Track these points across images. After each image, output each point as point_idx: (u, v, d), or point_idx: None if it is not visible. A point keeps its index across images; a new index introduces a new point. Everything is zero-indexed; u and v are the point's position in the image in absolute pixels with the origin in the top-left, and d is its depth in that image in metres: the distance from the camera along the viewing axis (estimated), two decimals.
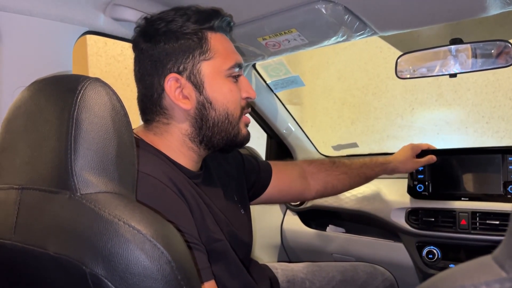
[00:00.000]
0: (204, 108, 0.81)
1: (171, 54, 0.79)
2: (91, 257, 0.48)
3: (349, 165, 1.21)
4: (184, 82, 0.79)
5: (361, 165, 1.21)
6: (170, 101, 0.80)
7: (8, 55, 0.84)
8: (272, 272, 1.14)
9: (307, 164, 1.20)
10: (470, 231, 1.20)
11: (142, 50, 0.81)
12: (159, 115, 0.82)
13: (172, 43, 0.78)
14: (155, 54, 0.79)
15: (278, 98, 1.62)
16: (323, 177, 1.18)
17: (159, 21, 0.80)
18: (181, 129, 0.81)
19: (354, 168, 1.21)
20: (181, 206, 0.72)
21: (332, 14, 0.98)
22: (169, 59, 0.79)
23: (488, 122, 2.99)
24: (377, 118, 3.41)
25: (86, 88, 0.55)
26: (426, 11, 0.96)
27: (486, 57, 1.10)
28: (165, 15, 0.80)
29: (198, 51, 0.80)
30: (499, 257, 0.29)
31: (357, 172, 1.20)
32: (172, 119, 0.81)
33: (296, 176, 1.16)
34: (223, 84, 0.82)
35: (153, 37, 0.79)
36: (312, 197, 1.21)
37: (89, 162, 0.53)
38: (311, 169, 1.18)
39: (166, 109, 0.81)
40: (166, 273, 0.48)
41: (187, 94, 0.80)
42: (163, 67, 0.79)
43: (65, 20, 0.89)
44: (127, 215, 0.50)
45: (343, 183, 1.20)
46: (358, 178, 1.21)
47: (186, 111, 0.80)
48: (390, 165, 1.23)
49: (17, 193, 0.56)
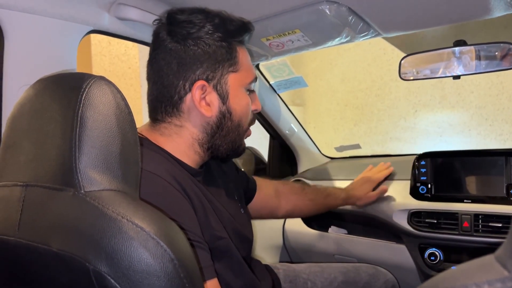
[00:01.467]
0: (224, 117, 0.83)
1: (201, 61, 0.79)
2: (94, 254, 0.48)
3: (315, 193, 1.29)
4: (209, 90, 0.80)
5: (326, 195, 1.29)
6: (190, 106, 0.80)
7: (13, 53, 0.84)
8: (274, 272, 1.14)
9: (282, 184, 1.27)
10: (472, 233, 1.19)
11: (170, 49, 0.79)
12: (173, 117, 0.81)
13: (204, 50, 0.79)
14: (184, 57, 0.79)
15: (281, 99, 1.63)
16: (294, 199, 1.25)
17: (190, 24, 0.79)
18: (193, 133, 0.82)
19: (320, 197, 1.28)
20: (185, 205, 0.72)
21: (336, 15, 0.99)
22: (199, 65, 0.79)
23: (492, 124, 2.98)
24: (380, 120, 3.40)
25: (91, 86, 0.55)
26: (430, 13, 0.96)
27: (490, 59, 1.09)
28: (195, 19, 0.79)
29: (228, 62, 0.81)
30: (501, 256, 0.29)
31: (322, 201, 1.28)
32: (186, 122, 0.81)
33: (272, 193, 1.21)
34: (243, 97, 0.85)
35: (185, 39, 0.79)
36: (282, 216, 1.28)
37: (93, 160, 0.53)
38: (284, 190, 1.25)
39: (183, 112, 0.81)
40: (169, 270, 0.49)
41: (209, 102, 0.81)
42: (192, 72, 0.79)
43: (70, 19, 0.90)
44: (131, 213, 0.50)
45: (308, 208, 1.28)
46: (321, 206, 1.30)
47: (206, 118, 0.81)
48: (349, 200, 1.33)
49: (21, 190, 0.56)
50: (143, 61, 2.53)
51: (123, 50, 2.48)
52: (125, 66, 2.49)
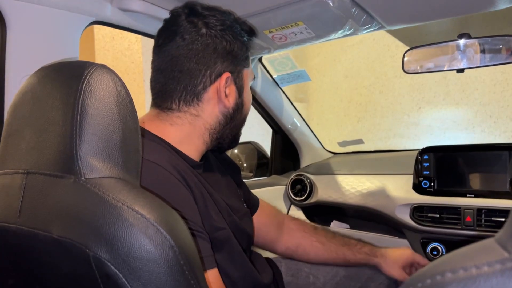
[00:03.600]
0: (238, 109, 0.87)
1: (229, 54, 0.82)
2: (94, 241, 0.49)
3: (329, 237, 1.14)
4: (230, 83, 0.84)
5: (344, 243, 1.13)
6: (212, 96, 0.82)
7: (15, 44, 0.84)
8: (276, 266, 1.14)
9: (289, 218, 1.17)
10: (475, 228, 1.19)
11: (196, 38, 0.79)
12: (191, 106, 0.81)
13: (231, 44, 0.83)
14: (214, 48, 0.80)
15: (284, 93, 1.62)
16: (299, 237, 1.13)
17: (215, 18, 0.82)
18: (206, 123, 0.83)
19: (334, 243, 1.12)
20: (185, 194, 0.72)
21: (339, 7, 0.98)
22: (226, 57, 0.82)
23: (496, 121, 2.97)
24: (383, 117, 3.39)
25: (92, 74, 0.55)
26: (434, 5, 0.95)
27: (494, 52, 1.09)
28: (218, 13, 0.83)
29: (245, 59, 0.88)
30: (501, 238, 0.29)
31: (335, 248, 1.12)
32: (203, 112, 0.82)
33: (275, 224, 1.13)
34: (249, 92, 0.92)
35: (214, 31, 0.81)
36: (280, 252, 1.15)
37: (94, 147, 0.53)
38: (290, 225, 1.15)
39: (202, 102, 0.82)
40: (169, 257, 0.49)
41: (228, 94, 0.84)
42: (219, 63, 0.81)
43: (72, 9, 0.90)
44: (131, 200, 0.50)
45: (316, 252, 1.12)
46: (335, 255, 1.12)
47: (224, 109, 0.84)
48: (375, 259, 1.12)
49: (22, 178, 0.56)
50: (146, 56, 2.53)
51: (127, 45, 2.48)
52: (128, 61, 2.49)
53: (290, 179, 1.63)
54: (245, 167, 1.78)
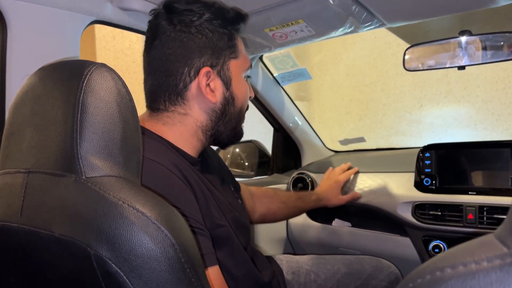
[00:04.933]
0: (228, 103, 0.85)
1: (206, 48, 0.81)
2: (95, 239, 0.49)
3: (288, 196, 1.32)
4: (213, 77, 0.82)
5: (297, 198, 1.33)
6: (195, 93, 0.81)
7: (16, 43, 0.85)
8: (277, 264, 1.14)
9: (255, 188, 1.27)
10: (477, 225, 1.19)
11: (173, 38, 0.80)
12: (177, 105, 0.82)
13: (208, 37, 0.81)
14: (189, 45, 0.80)
15: (285, 91, 1.62)
16: (267, 202, 1.25)
17: (191, 13, 0.80)
18: (197, 121, 0.83)
19: (292, 200, 1.31)
20: (186, 192, 0.73)
21: (340, 5, 0.98)
22: (204, 52, 0.80)
23: (498, 119, 2.96)
24: (385, 115, 3.39)
25: (92, 73, 0.55)
26: (434, 2, 0.95)
27: (495, 49, 1.08)
28: (194, 7, 0.80)
29: (229, 49, 0.84)
30: (501, 234, 0.29)
31: (293, 204, 1.31)
32: (190, 110, 0.82)
33: (248, 195, 1.20)
34: (243, 83, 0.88)
35: (188, 27, 0.80)
36: (255, 220, 1.26)
37: (94, 146, 0.53)
38: (258, 193, 1.25)
39: (188, 100, 0.82)
40: (170, 255, 0.49)
41: (213, 88, 0.82)
42: (197, 59, 0.80)
43: (72, 8, 0.90)
44: (132, 198, 0.50)
45: (281, 212, 1.29)
46: (293, 209, 1.33)
47: (210, 104, 0.82)
48: (320, 202, 1.36)
49: (23, 177, 0.56)
50: None
51: (128, 45, 2.49)
52: (129, 60, 2.49)
53: (291, 178, 1.63)
54: (247, 166, 1.78)
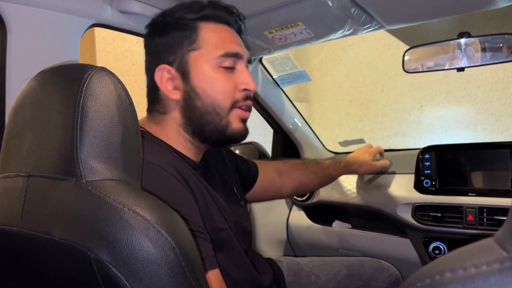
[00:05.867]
0: (190, 97, 0.81)
1: (165, 46, 0.83)
2: (96, 243, 0.49)
3: (317, 165, 1.29)
4: (174, 73, 0.82)
5: (328, 166, 1.30)
6: (161, 93, 0.84)
7: (16, 47, 0.85)
8: (278, 266, 1.14)
9: (282, 163, 1.26)
10: (477, 226, 1.19)
11: (146, 44, 0.87)
12: (157, 105, 0.85)
13: (166, 35, 0.83)
14: (152, 47, 0.85)
15: (285, 93, 1.62)
16: (297, 175, 1.25)
17: (161, 15, 0.85)
18: (175, 119, 0.84)
19: (322, 169, 1.29)
20: (186, 195, 0.73)
21: (339, 7, 0.98)
22: (163, 51, 0.83)
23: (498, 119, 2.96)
24: (385, 115, 3.39)
25: (92, 76, 0.55)
26: (433, 4, 0.95)
27: (494, 50, 1.08)
28: (170, 8, 0.85)
29: (187, 41, 0.82)
30: (500, 238, 0.29)
31: (324, 172, 1.29)
32: (166, 109, 0.84)
33: (275, 174, 1.21)
34: (210, 74, 0.81)
35: (152, 30, 0.85)
36: (288, 194, 1.28)
37: (94, 149, 0.53)
38: (286, 168, 1.24)
39: (162, 99, 0.84)
40: (170, 259, 0.49)
41: (177, 85, 0.82)
42: (158, 59, 0.83)
43: (72, 12, 0.90)
44: (132, 202, 0.50)
45: (313, 182, 1.29)
46: (325, 178, 1.31)
47: (176, 101, 0.83)
48: (351, 167, 1.34)
49: (24, 181, 0.56)
50: None
51: (127, 47, 2.49)
52: (129, 63, 2.49)
53: None
54: None
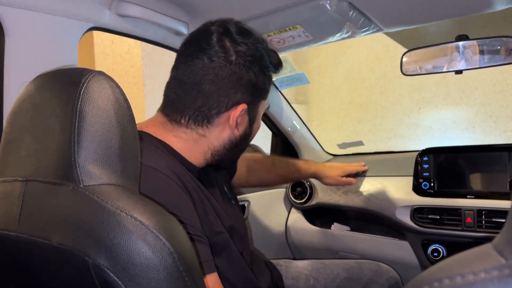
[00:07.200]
0: (245, 137, 0.87)
1: (251, 86, 0.80)
2: (93, 248, 0.49)
3: (286, 167, 1.32)
4: (243, 113, 0.82)
5: (295, 170, 1.32)
6: (224, 122, 0.80)
7: (14, 50, 0.85)
8: (276, 269, 1.14)
9: (253, 161, 1.27)
10: (476, 229, 1.19)
11: (223, 64, 0.77)
12: (199, 126, 0.80)
13: (258, 77, 0.81)
14: (242, 78, 0.78)
15: (283, 96, 1.62)
16: (263, 175, 1.29)
17: (246, 46, 0.78)
18: (211, 144, 0.82)
19: (289, 172, 1.32)
20: (185, 199, 0.73)
21: (337, 10, 0.98)
22: (248, 89, 0.80)
23: (496, 121, 2.97)
24: (384, 117, 3.40)
25: (90, 81, 0.55)
26: (431, 7, 0.95)
27: (492, 53, 1.09)
28: (250, 42, 0.78)
29: (265, 92, 0.86)
30: (498, 244, 0.29)
31: (290, 175, 1.35)
32: (210, 134, 0.81)
33: (244, 171, 1.22)
34: (260, 120, 0.90)
35: (248, 61, 0.78)
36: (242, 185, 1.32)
37: (92, 154, 0.53)
38: (256, 167, 1.26)
39: (212, 125, 0.80)
40: (168, 264, 0.49)
41: (239, 122, 0.82)
42: (240, 93, 0.79)
43: (70, 15, 0.90)
44: (130, 207, 0.50)
45: (274, 182, 1.38)
46: (288, 180, 1.46)
47: (232, 136, 0.83)
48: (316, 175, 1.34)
49: (21, 185, 0.56)
50: (146, 60, 2.53)
51: (126, 49, 2.49)
52: (128, 65, 2.49)
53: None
54: None
